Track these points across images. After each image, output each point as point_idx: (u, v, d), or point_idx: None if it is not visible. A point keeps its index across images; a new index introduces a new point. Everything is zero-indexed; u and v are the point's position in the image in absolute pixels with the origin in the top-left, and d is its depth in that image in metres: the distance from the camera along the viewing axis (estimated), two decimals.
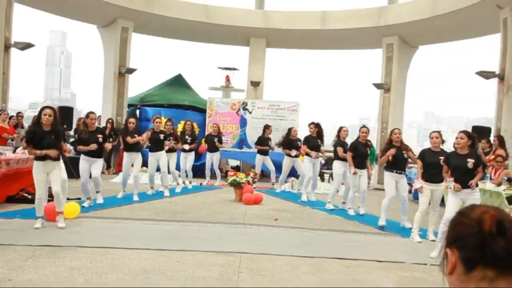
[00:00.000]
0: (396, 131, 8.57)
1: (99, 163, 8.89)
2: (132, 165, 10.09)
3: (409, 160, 9.06)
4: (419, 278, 5.23)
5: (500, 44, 12.20)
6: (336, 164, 10.17)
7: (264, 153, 13.04)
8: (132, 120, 10.29)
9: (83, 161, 8.74)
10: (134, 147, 9.92)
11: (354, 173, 9.22)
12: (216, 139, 12.95)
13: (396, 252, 6.38)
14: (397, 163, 8.33)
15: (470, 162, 6.30)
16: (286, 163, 12.13)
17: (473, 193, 6.37)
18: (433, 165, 7.21)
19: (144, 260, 5.32)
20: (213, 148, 12.94)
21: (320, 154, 11.34)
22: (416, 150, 8.98)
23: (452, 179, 6.48)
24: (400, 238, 7.50)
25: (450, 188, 6.54)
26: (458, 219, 1.31)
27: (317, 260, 5.66)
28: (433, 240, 7.19)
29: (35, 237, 6.09)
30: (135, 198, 9.75)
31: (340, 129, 10.46)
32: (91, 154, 8.65)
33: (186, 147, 12.09)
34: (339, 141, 10.20)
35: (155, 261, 5.29)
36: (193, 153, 12.69)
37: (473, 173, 6.38)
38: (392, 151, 8.23)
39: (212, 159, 13.06)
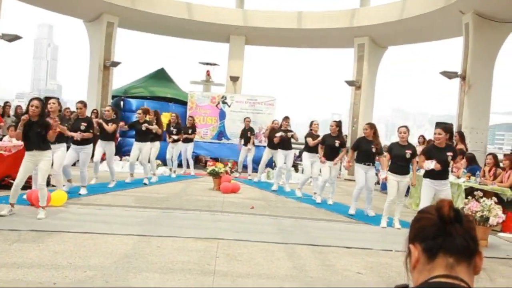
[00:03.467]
0: (365, 126, 8.63)
1: (85, 151, 8.63)
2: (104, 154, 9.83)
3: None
4: (384, 263, 5.26)
5: (462, 46, 12.36)
6: (305, 155, 10.25)
7: (246, 144, 12.96)
8: (108, 108, 10.00)
9: (71, 149, 8.61)
10: (105, 136, 9.58)
11: (322, 162, 9.28)
12: (190, 130, 12.83)
13: (364, 239, 6.42)
14: (367, 156, 8.40)
15: (449, 155, 6.48)
16: (266, 153, 12.11)
17: (446, 184, 6.59)
18: (400, 158, 7.33)
19: (125, 245, 5.25)
20: (188, 139, 12.80)
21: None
22: (384, 144, 9.10)
23: (432, 161, 6.59)
24: (367, 226, 7.57)
25: (428, 167, 6.60)
26: (418, 216, 1.31)
27: (291, 246, 5.67)
28: (399, 228, 7.28)
29: (21, 223, 5.95)
30: (111, 185, 9.58)
31: (311, 123, 10.51)
32: (76, 142, 8.52)
33: (175, 137, 12.03)
34: (309, 133, 10.27)
35: (136, 246, 5.23)
36: (192, 143, 12.89)
37: (449, 165, 6.59)
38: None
39: (186, 149, 12.92)
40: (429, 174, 6.67)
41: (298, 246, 5.72)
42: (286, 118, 11.47)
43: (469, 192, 7.79)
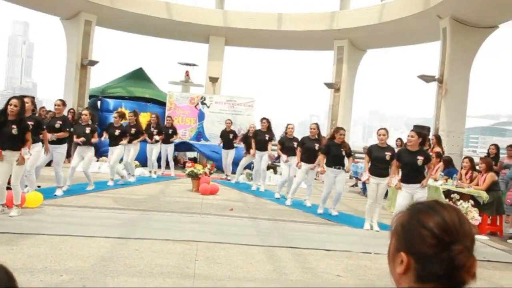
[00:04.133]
0: (342, 132, 8.62)
1: (59, 151, 8.35)
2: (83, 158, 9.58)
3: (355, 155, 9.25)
4: (364, 266, 5.28)
5: (440, 50, 12.54)
6: (283, 157, 10.29)
7: (227, 147, 12.92)
8: (85, 112, 9.71)
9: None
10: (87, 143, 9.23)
11: (298, 165, 9.27)
12: (170, 131, 12.71)
13: (343, 242, 6.43)
14: (336, 160, 8.43)
15: (420, 159, 6.46)
16: (245, 157, 12.11)
17: (420, 190, 6.59)
18: (379, 160, 7.36)
19: (102, 247, 5.16)
20: (168, 140, 12.68)
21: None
22: (360, 146, 9.15)
23: (397, 177, 6.66)
24: (345, 228, 7.59)
25: (391, 185, 6.73)
26: (414, 226, 1.24)
27: (270, 249, 5.65)
28: (377, 231, 7.32)
29: None
30: (90, 187, 9.35)
31: (286, 126, 10.48)
32: (50, 141, 8.28)
33: (157, 137, 11.95)
34: (284, 137, 10.31)
35: (114, 249, 5.14)
36: (172, 144, 12.82)
37: (422, 169, 6.58)
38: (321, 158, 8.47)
39: (166, 150, 12.80)
40: (404, 179, 6.73)
41: (277, 249, 5.70)
42: (263, 120, 11.52)
43: (446, 194, 7.89)
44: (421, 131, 7.49)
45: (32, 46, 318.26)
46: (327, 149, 8.52)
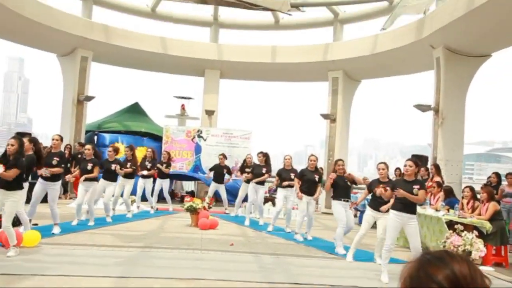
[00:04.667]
0: (339, 162, 8.59)
1: (53, 188, 8.20)
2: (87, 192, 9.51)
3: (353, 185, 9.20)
4: None
5: (434, 80, 12.63)
6: (279, 190, 10.26)
7: (219, 181, 12.75)
8: (88, 147, 9.61)
9: (39, 183, 8.21)
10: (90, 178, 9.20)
11: (299, 196, 9.15)
12: (164, 165, 12.57)
13: (346, 276, 6.33)
14: (342, 191, 8.36)
15: (416, 188, 6.34)
16: (243, 189, 12.04)
17: (412, 219, 6.39)
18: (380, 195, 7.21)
19: None
20: (162, 175, 12.56)
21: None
22: (357, 175, 9.06)
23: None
24: (348, 262, 7.45)
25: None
26: (422, 279, 1.16)
27: (274, 286, 5.53)
28: (380, 264, 7.19)
29: None
30: (91, 223, 9.31)
31: (284, 158, 10.45)
32: (45, 177, 8.14)
33: (145, 172, 11.76)
34: (282, 169, 10.28)
35: None
36: (167, 179, 12.63)
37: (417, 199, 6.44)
38: (333, 175, 8.29)
39: (161, 185, 12.65)
40: (395, 206, 6.48)
41: (281, 286, 5.58)
42: (259, 154, 11.54)
43: (449, 225, 7.81)
44: (417, 160, 7.43)
45: (28, 82, 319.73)
46: (334, 184, 8.41)
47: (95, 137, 15.74)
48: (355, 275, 6.40)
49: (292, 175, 9.91)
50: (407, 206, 6.30)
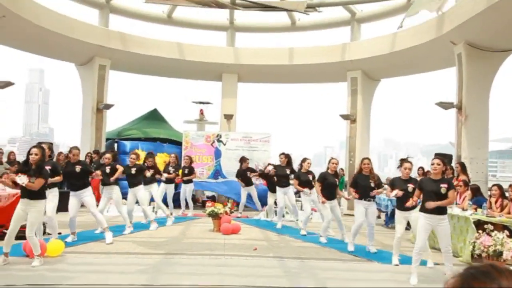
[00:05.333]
0: (365, 161, 8.44)
1: (86, 195, 8.26)
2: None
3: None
4: None
5: (456, 77, 12.38)
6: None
7: (247, 184, 12.74)
8: (108, 155, 9.61)
9: (71, 197, 8.31)
10: (109, 182, 9.25)
11: (323, 202, 9.01)
12: (186, 170, 12.60)
13: (374, 279, 6.18)
14: (364, 191, 8.22)
15: (443, 187, 6.16)
16: (270, 198, 11.94)
17: (443, 220, 6.20)
18: (404, 193, 7.03)
19: None
20: (186, 179, 12.59)
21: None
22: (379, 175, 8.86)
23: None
24: (374, 264, 7.29)
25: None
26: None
27: None
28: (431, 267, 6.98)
29: (15, 277, 5.67)
30: (129, 229, 9.43)
31: (304, 160, 10.27)
32: (73, 187, 8.26)
33: (165, 175, 11.73)
34: (298, 173, 10.15)
35: None
36: (191, 184, 12.70)
37: (445, 198, 6.25)
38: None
39: (185, 190, 12.69)
40: (424, 208, 6.26)
41: None
42: (281, 155, 11.41)
43: (477, 224, 7.59)
44: (444, 159, 7.23)
45: (48, 93, 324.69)
46: (354, 182, 8.32)
47: (115, 145, 15.81)
48: (384, 278, 6.25)
49: (310, 177, 9.92)
50: (437, 208, 6.12)
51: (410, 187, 7.06)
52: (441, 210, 6.15)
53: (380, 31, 15.16)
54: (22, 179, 6.23)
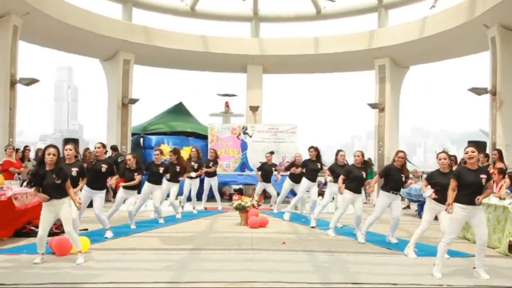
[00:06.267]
0: (400, 154, 8.11)
1: (100, 196, 8.11)
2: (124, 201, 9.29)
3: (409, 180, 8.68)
4: None
5: (490, 61, 11.91)
6: (329, 184, 10.00)
7: (266, 180, 12.51)
8: (129, 157, 9.35)
9: (84, 192, 8.06)
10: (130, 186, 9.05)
11: (341, 192, 8.68)
12: (211, 164, 12.46)
13: (407, 273, 5.88)
14: (395, 184, 7.93)
15: (484, 178, 5.80)
16: (286, 187, 11.71)
17: (479, 210, 5.84)
18: (444, 186, 6.62)
19: None
20: (210, 173, 12.46)
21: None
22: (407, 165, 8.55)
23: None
24: (407, 258, 6.98)
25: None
26: None
27: (332, 287, 5.18)
28: (448, 258, 6.69)
29: (41, 275, 5.58)
30: (132, 227, 9.27)
31: (338, 152, 10.00)
32: (91, 186, 8.07)
33: (193, 174, 11.57)
34: (335, 164, 9.90)
35: None
36: (215, 177, 12.63)
37: (483, 189, 5.89)
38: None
39: (210, 183, 12.56)
40: (461, 199, 5.84)
41: (340, 286, 5.23)
42: (310, 148, 11.11)
43: None
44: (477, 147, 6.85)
45: (77, 90, 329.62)
46: (385, 173, 8.00)
47: (141, 140, 15.79)
48: (417, 272, 5.94)
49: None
50: (474, 199, 5.77)
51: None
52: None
53: (408, 16, 14.67)
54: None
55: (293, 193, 12.31)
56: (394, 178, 7.91)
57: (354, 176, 8.65)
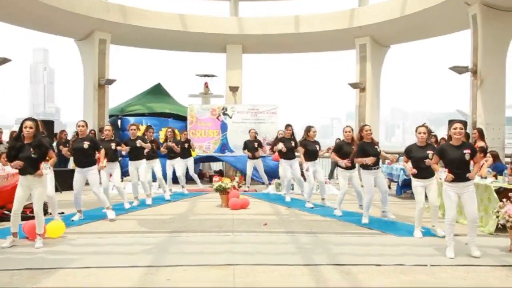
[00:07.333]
0: (366, 127, 8.04)
1: (92, 172, 8.00)
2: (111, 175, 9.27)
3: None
4: (423, 281, 4.68)
5: (471, 39, 11.85)
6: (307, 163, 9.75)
7: (254, 157, 12.44)
8: (107, 127, 9.38)
9: (76, 173, 8.04)
10: (109, 158, 8.91)
11: (346, 164, 8.57)
12: (186, 145, 12.26)
13: (391, 254, 5.81)
14: (375, 160, 7.88)
15: (467, 153, 5.74)
16: (284, 167, 11.58)
17: (468, 186, 5.81)
18: (422, 161, 6.66)
19: (131, 279, 4.67)
20: (184, 154, 12.26)
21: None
22: (384, 146, 8.55)
23: (445, 169, 5.95)
24: (391, 237, 6.93)
25: (441, 178, 6.04)
26: None
27: (315, 268, 5.07)
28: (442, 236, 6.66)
29: (14, 260, 5.37)
30: (126, 206, 9.31)
31: (309, 129, 9.85)
32: (80, 165, 8.00)
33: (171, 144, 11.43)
34: (304, 142, 9.75)
35: (143, 280, 4.66)
36: (191, 158, 12.51)
37: (468, 166, 5.85)
38: (372, 159, 7.75)
39: (186, 164, 12.37)
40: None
41: (323, 267, 5.13)
42: (287, 126, 10.96)
43: (498, 192, 7.22)
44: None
45: (53, 72, 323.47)
46: (361, 151, 7.90)
47: (119, 121, 15.46)
48: (401, 252, 5.88)
49: (317, 147, 9.69)
50: (461, 175, 5.72)
51: (431, 153, 6.66)
52: (466, 177, 5.74)
53: None
54: (46, 166, 6.13)
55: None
56: (370, 153, 7.83)
57: (345, 152, 8.58)
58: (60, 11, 13.22)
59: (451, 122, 7.36)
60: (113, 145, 8.99)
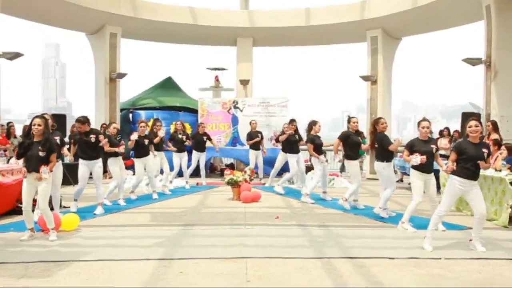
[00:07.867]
0: (382, 120, 7.97)
1: (98, 165, 8.10)
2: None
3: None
4: (437, 275, 4.63)
5: (484, 31, 11.70)
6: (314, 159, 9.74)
7: (256, 147, 12.53)
8: (115, 125, 9.39)
9: (82, 165, 8.14)
10: (115, 152, 8.95)
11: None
12: (205, 138, 12.26)
13: (405, 247, 5.77)
14: (391, 153, 7.81)
15: (485, 152, 5.65)
16: (280, 159, 11.60)
17: (476, 184, 5.69)
18: (426, 155, 6.50)
19: (144, 272, 4.68)
20: (198, 148, 12.27)
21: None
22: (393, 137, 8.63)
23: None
24: (401, 231, 6.86)
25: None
26: None
27: (328, 261, 5.05)
28: (444, 230, 6.63)
29: (28, 253, 5.41)
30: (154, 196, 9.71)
31: (315, 123, 9.81)
32: (87, 158, 8.07)
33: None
34: (311, 136, 9.68)
35: (156, 273, 4.66)
36: (205, 152, 12.51)
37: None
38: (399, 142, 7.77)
39: (199, 158, 12.38)
40: (462, 173, 5.62)
41: (336, 260, 5.10)
42: (292, 121, 11.09)
43: None
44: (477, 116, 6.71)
45: (65, 67, 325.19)
46: (382, 142, 7.79)
47: (130, 115, 15.51)
48: (414, 245, 5.83)
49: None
50: (475, 173, 5.62)
51: (434, 147, 6.59)
52: (476, 176, 5.66)
53: None
54: (45, 171, 6.10)
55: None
56: (387, 145, 7.76)
57: (353, 142, 8.61)
58: (71, 6, 13.25)
59: (464, 115, 7.29)
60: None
